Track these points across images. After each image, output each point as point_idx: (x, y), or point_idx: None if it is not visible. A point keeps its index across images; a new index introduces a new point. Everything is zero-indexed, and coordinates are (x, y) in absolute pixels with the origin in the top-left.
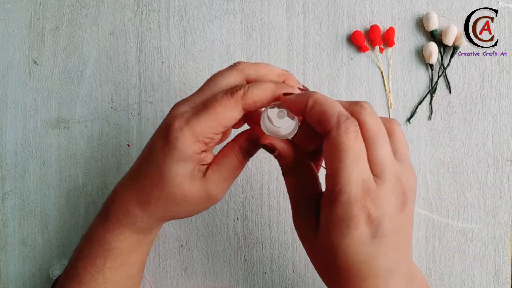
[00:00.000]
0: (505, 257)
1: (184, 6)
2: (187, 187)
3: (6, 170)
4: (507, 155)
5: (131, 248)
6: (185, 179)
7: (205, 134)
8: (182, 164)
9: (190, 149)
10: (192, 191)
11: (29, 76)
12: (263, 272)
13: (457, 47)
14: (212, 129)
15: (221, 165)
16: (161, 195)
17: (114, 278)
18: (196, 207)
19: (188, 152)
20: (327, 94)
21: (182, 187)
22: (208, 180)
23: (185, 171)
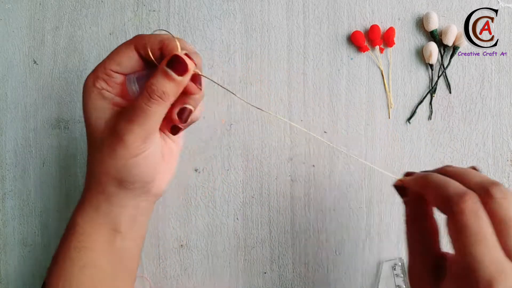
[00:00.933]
0: None
1: (184, 6)
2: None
3: (6, 170)
4: (507, 155)
5: (92, 229)
6: (96, 115)
7: (102, 70)
8: (90, 101)
9: (90, 83)
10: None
11: (29, 76)
12: (263, 272)
13: (457, 47)
14: (106, 64)
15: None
16: (88, 142)
17: (79, 261)
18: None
19: (89, 86)
20: (327, 94)
21: (97, 125)
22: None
23: (93, 107)
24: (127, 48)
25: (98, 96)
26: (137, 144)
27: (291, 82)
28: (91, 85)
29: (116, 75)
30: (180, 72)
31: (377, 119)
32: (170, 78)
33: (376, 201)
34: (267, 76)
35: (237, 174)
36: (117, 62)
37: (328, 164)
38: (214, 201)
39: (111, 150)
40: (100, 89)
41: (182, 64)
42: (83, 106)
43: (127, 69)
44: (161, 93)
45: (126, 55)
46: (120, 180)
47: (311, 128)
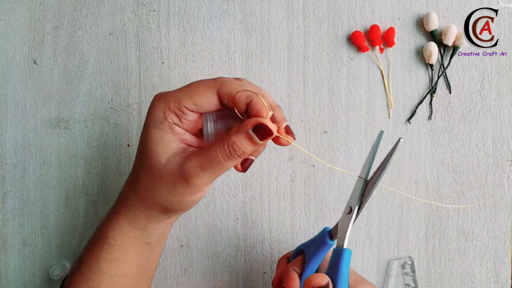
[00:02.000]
0: (505, 257)
1: (184, 6)
2: (163, 160)
3: (6, 170)
4: (507, 155)
5: (126, 242)
6: (161, 148)
7: (176, 105)
8: (157, 131)
9: (161, 114)
10: (168, 166)
11: (29, 76)
12: (263, 272)
13: (457, 47)
14: (183, 101)
15: (205, 153)
16: (143, 169)
17: (109, 271)
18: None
19: (160, 117)
20: (327, 94)
21: (158, 157)
22: (186, 160)
23: (160, 139)
24: (209, 91)
25: (168, 129)
26: (200, 187)
27: (291, 82)
28: (162, 117)
29: (190, 113)
30: (264, 138)
31: (377, 119)
32: (253, 142)
33: (376, 201)
34: (267, 76)
35: (237, 174)
36: (194, 102)
37: (328, 164)
38: (214, 201)
39: (171, 186)
40: (171, 123)
41: (267, 131)
42: (147, 132)
43: (203, 109)
44: (241, 153)
45: (206, 98)
46: (168, 209)
47: (311, 128)
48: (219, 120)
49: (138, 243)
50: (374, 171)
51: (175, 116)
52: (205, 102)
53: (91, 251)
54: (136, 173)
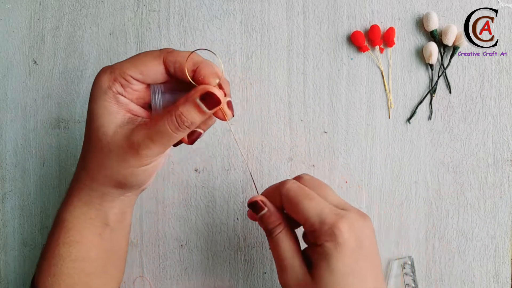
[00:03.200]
0: (505, 257)
1: (184, 6)
2: (110, 132)
3: (6, 170)
4: (507, 155)
5: (82, 224)
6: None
7: (121, 73)
8: (102, 102)
9: (106, 84)
10: (115, 138)
11: (29, 76)
12: (263, 272)
13: (457, 47)
14: (128, 70)
15: (153, 124)
16: (91, 144)
17: (69, 256)
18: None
19: (104, 87)
20: (327, 94)
21: (105, 129)
22: (134, 131)
23: (105, 110)
24: (154, 59)
25: (113, 99)
26: (151, 158)
27: (291, 82)
28: (106, 87)
29: (135, 82)
30: (212, 107)
31: (377, 119)
32: (201, 111)
33: (376, 201)
34: (267, 76)
35: (237, 174)
36: (140, 71)
37: (328, 164)
38: (214, 201)
39: (121, 158)
40: (116, 93)
41: (214, 100)
42: (92, 105)
43: (149, 80)
44: (189, 124)
45: (152, 67)
46: (122, 183)
47: (311, 128)
48: (167, 92)
49: (95, 225)
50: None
51: (120, 86)
52: (151, 71)
53: (51, 237)
54: (85, 151)
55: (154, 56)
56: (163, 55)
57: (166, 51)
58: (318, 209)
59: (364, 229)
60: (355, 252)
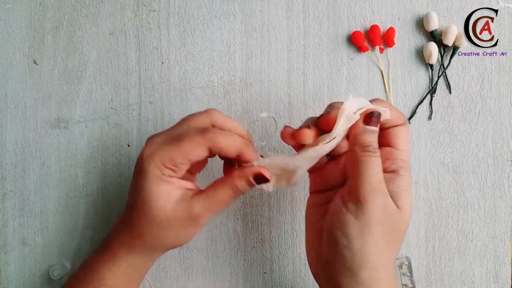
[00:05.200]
0: (505, 257)
1: (184, 6)
2: (169, 209)
3: (6, 170)
4: (507, 155)
5: (122, 282)
6: (164, 200)
7: (170, 161)
8: (155, 187)
9: (157, 171)
10: (175, 213)
11: (29, 76)
12: (263, 272)
13: (457, 47)
14: (177, 159)
15: (210, 196)
16: (147, 220)
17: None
18: (182, 231)
19: (155, 173)
20: (327, 94)
21: (163, 208)
22: (193, 204)
23: (161, 192)
24: (199, 147)
25: (166, 183)
26: (205, 223)
27: (291, 82)
28: (159, 173)
29: (183, 166)
30: (260, 183)
31: None
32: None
33: None
34: (267, 76)
35: None
36: (185, 157)
37: None
38: None
39: (181, 229)
40: (168, 177)
41: (264, 179)
42: (145, 188)
43: (195, 161)
44: (240, 192)
45: (197, 154)
46: (173, 247)
47: None
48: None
49: (133, 280)
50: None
51: (171, 171)
52: (196, 157)
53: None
54: (137, 223)
55: (199, 143)
56: (208, 145)
57: (212, 138)
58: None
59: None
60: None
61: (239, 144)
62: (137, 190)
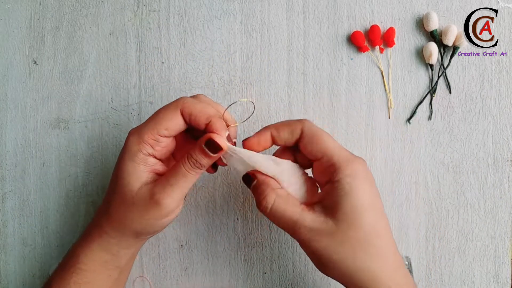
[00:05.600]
0: (505, 257)
1: (184, 6)
2: (135, 188)
3: (6, 170)
4: (507, 155)
5: (97, 267)
6: (134, 178)
7: (150, 135)
8: (131, 163)
9: (136, 147)
10: (139, 193)
11: (29, 76)
12: (263, 272)
13: (457, 47)
14: (155, 130)
15: (168, 175)
16: (116, 198)
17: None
18: (145, 214)
19: (134, 150)
20: (327, 94)
21: (131, 186)
22: (155, 184)
23: (133, 170)
24: (174, 113)
25: (142, 161)
26: (172, 207)
27: (291, 82)
28: (137, 149)
29: (163, 139)
30: (215, 151)
31: (377, 119)
32: (207, 155)
33: None
34: (267, 76)
35: (237, 174)
36: (165, 127)
37: None
38: (214, 201)
39: (143, 210)
40: (146, 155)
41: (217, 146)
42: (121, 164)
43: (173, 132)
44: (199, 165)
45: (174, 120)
46: (140, 233)
47: None
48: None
49: (108, 267)
50: None
51: (150, 146)
52: (174, 124)
53: (61, 277)
54: (109, 201)
55: (172, 110)
56: (180, 107)
57: (182, 103)
58: (337, 145)
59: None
60: (372, 189)
61: (210, 112)
62: (116, 166)
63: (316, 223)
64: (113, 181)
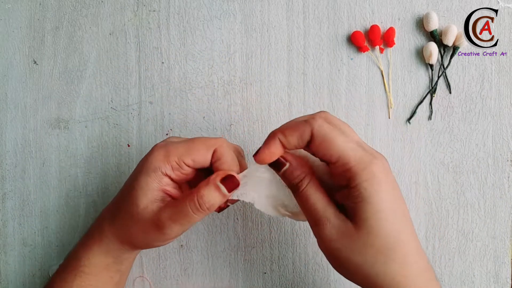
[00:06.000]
0: (505, 257)
1: (184, 6)
2: (142, 205)
3: (6, 170)
4: (507, 155)
5: (99, 271)
6: (143, 194)
7: (176, 160)
8: (146, 178)
9: (158, 164)
10: (145, 212)
11: (29, 76)
12: (263, 272)
13: (457, 47)
14: (183, 156)
15: (177, 206)
16: (123, 208)
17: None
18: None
19: (155, 166)
20: (327, 94)
21: (139, 202)
22: (161, 210)
23: (146, 186)
24: (207, 150)
25: (157, 178)
26: (173, 236)
27: (291, 82)
28: (157, 166)
29: (186, 168)
30: (230, 189)
31: (377, 119)
32: (221, 193)
33: None
34: (267, 76)
35: None
36: (193, 158)
37: None
38: None
39: (146, 231)
40: (164, 174)
41: (234, 182)
42: (136, 176)
43: (198, 166)
44: (209, 206)
45: (204, 156)
46: (141, 247)
47: None
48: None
49: (110, 271)
50: None
51: (170, 169)
52: (202, 159)
53: (63, 279)
54: (116, 208)
55: (208, 146)
56: (215, 147)
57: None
58: (352, 147)
59: (390, 170)
60: (391, 191)
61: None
62: (132, 175)
63: (337, 221)
64: (124, 190)
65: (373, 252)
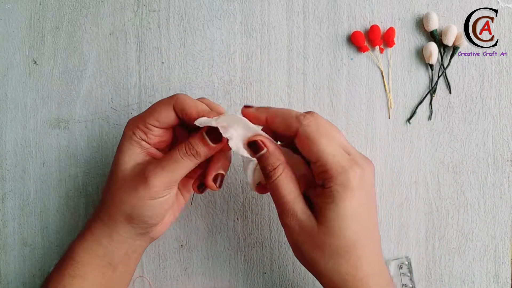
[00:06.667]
0: (505, 257)
1: (184, 6)
2: (129, 166)
3: (6, 170)
4: (507, 155)
5: (90, 260)
6: (128, 157)
7: (142, 124)
8: (127, 144)
9: (130, 132)
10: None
11: (29, 76)
12: (263, 272)
13: (457, 47)
14: (147, 119)
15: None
16: (111, 176)
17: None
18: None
19: (129, 134)
20: (327, 94)
21: (125, 165)
22: (148, 163)
23: (128, 150)
24: (166, 107)
25: (136, 144)
26: (159, 188)
27: (291, 82)
28: (131, 134)
29: (154, 128)
30: (215, 141)
31: (377, 119)
32: (206, 143)
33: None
34: (267, 76)
35: (237, 174)
36: (156, 119)
37: None
38: (214, 201)
39: (132, 188)
40: (139, 139)
41: (218, 136)
42: (118, 148)
43: (165, 125)
44: (195, 152)
45: (165, 113)
46: (130, 216)
47: None
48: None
49: (101, 263)
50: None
51: (142, 133)
52: (165, 117)
53: (58, 267)
54: (105, 186)
55: (165, 104)
56: (173, 103)
57: (176, 98)
58: (334, 151)
59: (371, 178)
60: (362, 199)
61: (201, 107)
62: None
63: (303, 215)
64: (111, 169)
65: (329, 251)
